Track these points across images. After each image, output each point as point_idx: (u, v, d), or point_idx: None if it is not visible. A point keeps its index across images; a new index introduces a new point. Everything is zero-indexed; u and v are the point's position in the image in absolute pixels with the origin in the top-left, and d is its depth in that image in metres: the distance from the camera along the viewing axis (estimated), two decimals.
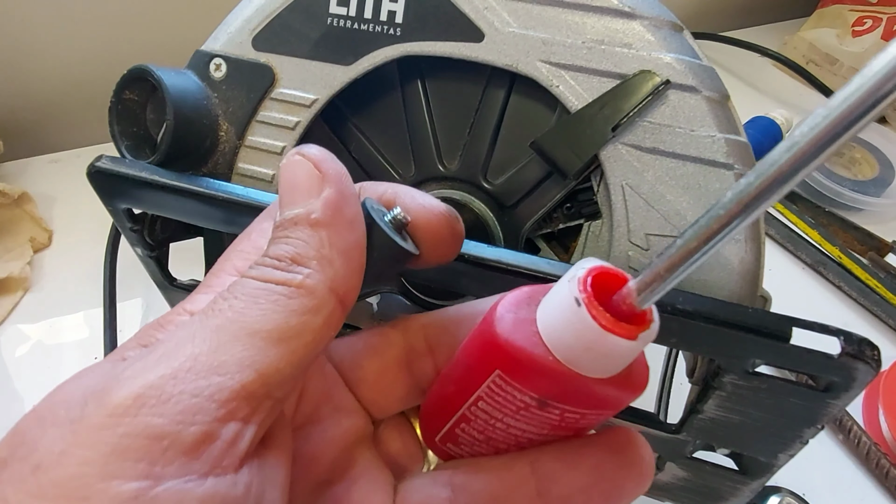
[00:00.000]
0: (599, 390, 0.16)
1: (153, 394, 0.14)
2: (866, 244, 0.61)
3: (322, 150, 0.18)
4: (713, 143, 0.29)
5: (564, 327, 0.16)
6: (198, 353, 0.15)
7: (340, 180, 0.18)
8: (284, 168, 0.18)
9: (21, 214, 0.59)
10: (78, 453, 0.13)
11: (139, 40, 0.68)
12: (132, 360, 0.15)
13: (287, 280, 0.16)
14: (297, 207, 0.17)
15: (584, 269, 0.16)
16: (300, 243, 0.17)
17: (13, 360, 0.51)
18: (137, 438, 0.13)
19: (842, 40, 0.79)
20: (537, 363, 0.16)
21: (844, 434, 0.47)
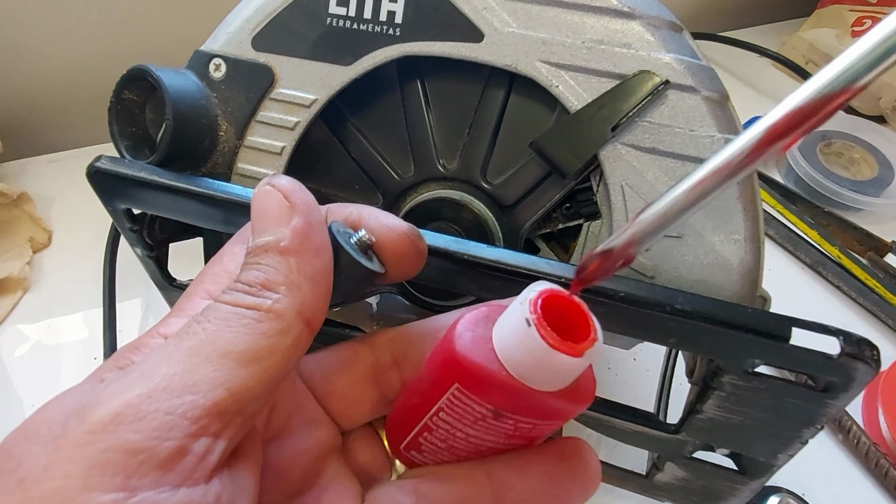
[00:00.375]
0: (549, 402, 0.18)
1: (130, 412, 0.15)
2: (865, 244, 0.61)
3: (292, 181, 0.20)
4: (713, 143, 0.29)
5: (516, 345, 0.17)
6: (172, 373, 0.16)
7: (308, 210, 0.19)
8: (256, 197, 0.20)
9: (20, 214, 0.59)
10: (61, 467, 0.14)
11: (138, 40, 0.68)
12: (110, 381, 0.16)
13: (257, 304, 0.18)
14: (268, 235, 0.19)
15: (536, 291, 0.17)
16: (270, 269, 0.18)
17: (12, 361, 0.51)
18: (115, 454, 0.14)
19: (841, 40, 0.79)
20: (492, 378, 0.17)
21: (844, 434, 0.47)
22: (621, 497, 0.43)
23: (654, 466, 0.35)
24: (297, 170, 0.35)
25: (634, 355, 0.51)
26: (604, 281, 0.26)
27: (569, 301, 0.18)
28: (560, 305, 0.18)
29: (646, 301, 0.26)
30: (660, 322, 0.26)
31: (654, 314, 0.26)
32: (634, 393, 0.49)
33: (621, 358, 0.51)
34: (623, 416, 0.32)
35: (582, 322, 0.18)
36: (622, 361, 0.51)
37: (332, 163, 0.36)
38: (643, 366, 0.51)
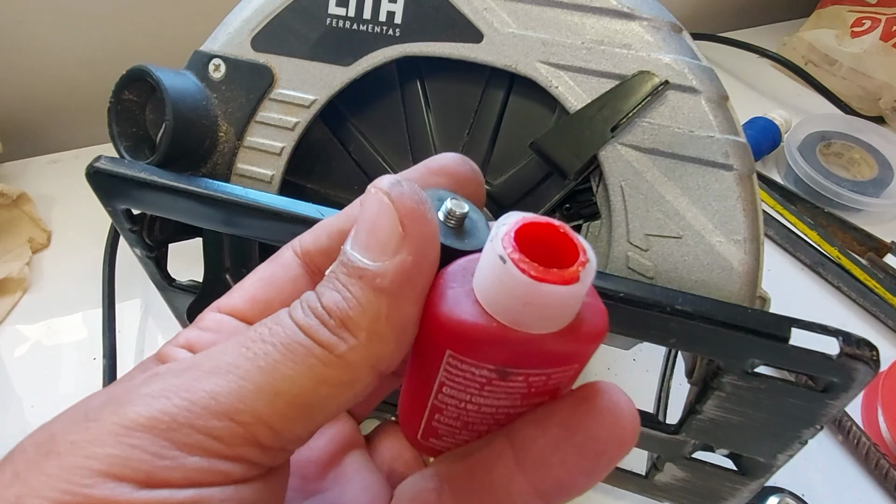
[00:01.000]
0: (554, 345, 0.16)
1: (165, 420, 0.14)
2: (865, 245, 0.61)
3: (415, 200, 0.16)
4: (712, 143, 0.29)
5: (498, 288, 0.15)
6: (218, 392, 0.15)
7: (422, 245, 0.16)
8: (369, 202, 0.17)
9: (20, 215, 0.59)
10: (86, 447, 0.14)
11: (138, 41, 0.68)
12: (151, 379, 0.15)
13: (330, 346, 0.15)
14: (367, 258, 0.16)
15: (506, 224, 0.15)
16: (356, 306, 0.16)
17: (12, 361, 0.51)
18: (142, 452, 0.14)
19: (841, 41, 0.79)
20: (482, 332, 0.15)
21: (843, 434, 0.47)
22: (621, 497, 0.43)
23: (654, 467, 0.35)
24: (296, 170, 0.35)
25: (634, 356, 0.51)
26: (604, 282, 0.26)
27: (547, 226, 0.16)
28: (538, 233, 0.15)
29: (646, 301, 0.26)
30: (660, 322, 0.26)
31: (654, 315, 0.26)
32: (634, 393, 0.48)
33: (621, 358, 0.51)
34: None
35: (567, 246, 0.15)
36: (621, 362, 0.51)
37: (331, 163, 0.36)
38: (643, 366, 0.51)
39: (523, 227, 0.15)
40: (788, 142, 0.69)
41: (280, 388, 0.15)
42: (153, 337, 0.53)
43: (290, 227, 0.29)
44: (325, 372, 0.15)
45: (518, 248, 0.15)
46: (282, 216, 0.29)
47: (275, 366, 0.15)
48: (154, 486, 0.14)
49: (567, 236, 0.15)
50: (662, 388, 0.42)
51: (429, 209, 0.17)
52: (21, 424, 0.47)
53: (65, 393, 0.49)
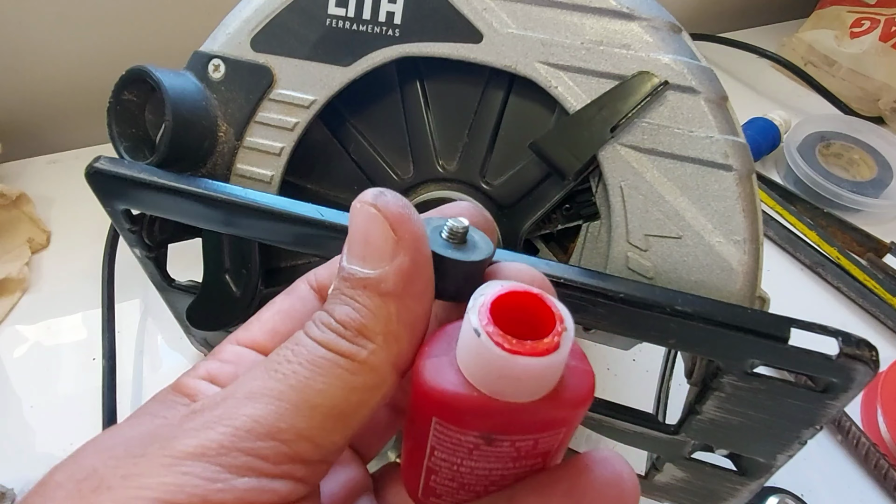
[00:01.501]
0: (537, 412, 0.16)
1: (213, 447, 0.15)
2: (865, 245, 0.61)
3: (400, 206, 0.17)
4: (711, 143, 0.29)
5: (477, 360, 0.15)
6: (258, 416, 0.16)
7: (416, 246, 0.17)
8: (357, 217, 0.18)
9: (19, 215, 0.59)
10: (138, 479, 0.14)
11: (138, 41, 0.68)
12: (188, 417, 0.16)
13: (352, 354, 0.17)
14: (367, 268, 0.17)
15: (483, 294, 0.16)
16: (368, 313, 0.17)
17: (11, 361, 0.51)
18: (195, 478, 0.15)
19: (840, 42, 0.79)
20: (463, 401, 0.16)
21: (843, 435, 0.47)
22: None
23: (654, 467, 0.35)
24: (296, 171, 0.35)
25: (633, 356, 0.51)
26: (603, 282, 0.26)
27: (524, 295, 0.16)
28: (517, 302, 0.16)
29: (645, 302, 0.26)
30: (659, 323, 0.26)
31: (653, 315, 0.26)
32: (633, 394, 0.49)
33: (620, 359, 0.51)
34: (622, 417, 0.32)
35: (546, 314, 0.16)
36: (621, 362, 0.51)
37: (331, 164, 0.36)
38: (642, 366, 0.51)
39: (500, 297, 0.16)
40: (788, 142, 0.69)
41: (315, 402, 0.16)
42: (153, 337, 0.53)
43: (289, 228, 0.29)
44: (353, 379, 0.16)
45: (494, 320, 0.15)
46: (281, 216, 0.29)
47: (306, 382, 0.16)
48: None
49: (545, 304, 0.16)
50: (662, 388, 0.42)
51: (413, 212, 0.18)
52: (21, 425, 0.47)
53: (64, 393, 0.49)
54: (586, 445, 0.45)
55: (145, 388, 0.49)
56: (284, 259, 0.38)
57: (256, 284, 0.36)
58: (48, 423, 0.47)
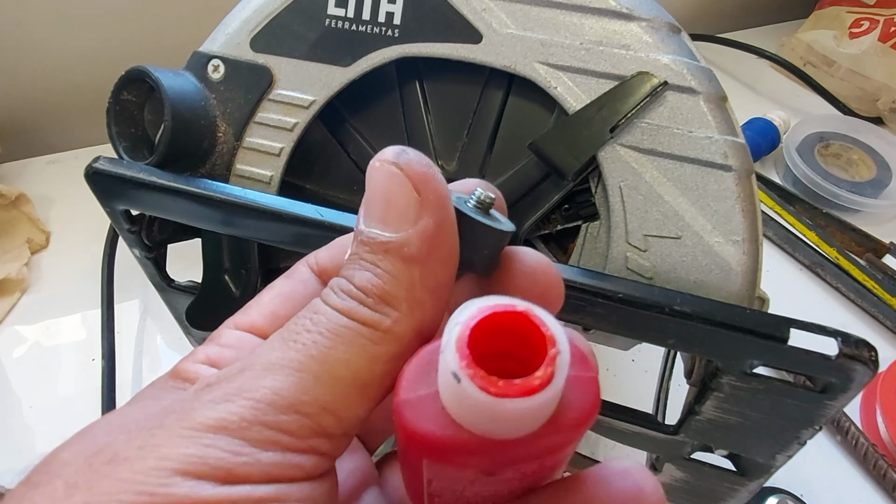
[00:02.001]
0: (538, 442, 0.14)
1: (235, 420, 0.14)
2: (864, 245, 0.61)
3: (423, 164, 0.16)
4: (711, 144, 0.29)
5: (461, 404, 0.14)
6: (279, 387, 0.15)
7: (441, 207, 0.16)
8: (377, 175, 0.17)
9: (18, 216, 0.59)
10: (157, 451, 0.14)
11: (137, 41, 0.68)
12: (208, 388, 0.15)
13: (375, 322, 0.16)
14: (388, 231, 0.16)
15: (459, 324, 0.14)
16: (390, 279, 0.16)
17: (11, 362, 0.51)
18: (219, 451, 0.14)
19: (839, 42, 0.79)
20: (454, 445, 0.14)
21: (842, 435, 0.47)
22: None
23: (653, 467, 0.35)
24: (295, 171, 0.35)
25: (633, 356, 0.51)
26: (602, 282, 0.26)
27: (509, 315, 0.14)
28: (500, 325, 0.14)
29: (644, 302, 0.26)
30: (658, 323, 0.26)
31: (652, 315, 0.26)
32: (633, 394, 0.49)
33: (620, 359, 0.51)
34: (621, 417, 0.32)
35: (534, 336, 0.14)
36: (620, 362, 0.51)
37: (330, 164, 0.36)
38: (641, 367, 0.51)
39: (480, 323, 0.14)
40: (787, 142, 0.69)
41: (338, 374, 0.15)
42: (152, 337, 0.53)
43: (289, 228, 0.29)
44: (376, 349, 0.16)
45: (474, 357, 0.13)
46: (281, 217, 0.29)
47: (328, 353, 0.15)
48: (233, 483, 0.14)
49: (533, 324, 0.14)
50: (661, 388, 0.42)
51: (436, 171, 0.17)
52: (20, 425, 0.47)
53: (64, 393, 0.49)
54: (585, 445, 0.45)
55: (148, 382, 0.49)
56: (284, 259, 0.38)
57: (256, 285, 0.36)
58: (48, 423, 0.47)
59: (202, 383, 0.16)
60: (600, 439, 0.45)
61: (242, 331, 0.19)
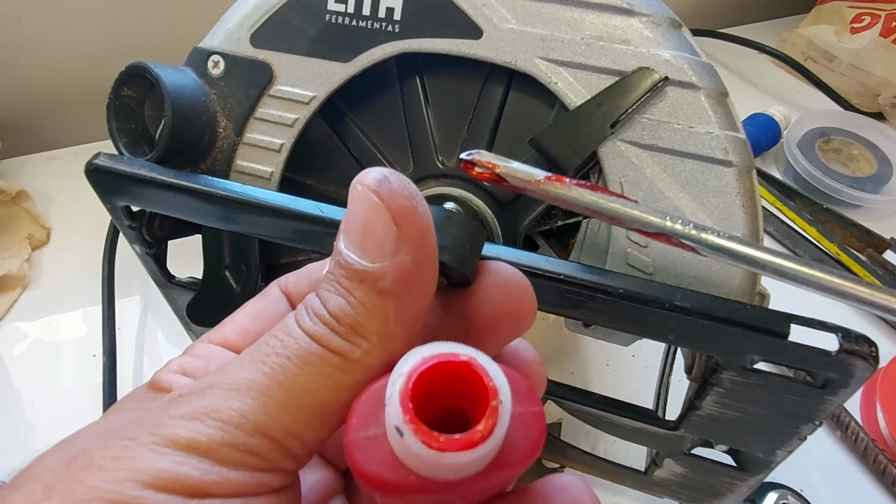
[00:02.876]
0: (485, 479, 0.15)
1: (204, 441, 0.15)
2: (864, 241, 0.61)
3: (405, 196, 0.16)
4: (711, 139, 0.29)
5: (407, 452, 0.14)
6: (246, 410, 0.15)
7: (420, 244, 0.16)
8: (357, 201, 0.16)
9: (19, 212, 0.59)
10: (131, 462, 0.14)
11: (137, 37, 0.68)
12: (178, 401, 0.16)
13: (345, 352, 0.16)
14: (365, 260, 0.16)
15: (402, 374, 0.14)
16: (363, 311, 0.16)
17: (11, 358, 0.51)
18: (190, 469, 0.14)
19: (840, 37, 0.79)
20: (402, 486, 0.15)
21: (842, 430, 0.47)
22: (620, 493, 0.44)
23: (653, 463, 0.35)
24: (296, 167, 0.35)
25: (633, 352, 0.51)
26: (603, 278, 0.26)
27: (450, 365, 0.14)
28: (442, 374, 0.14)
29: (644, 298, 0.26)
30: (658, 319, 0.26)
31: (652, 311, 0.26)
32: (633, 389, 0.49)
33: (620, 354, 0.51)
34: (622, 413, 0.32)
35: (477, 384, 0.14)
36: (621, 358, 0.51)
37: (331, 160, 0.36)
38: (642, 362, 0.51)
39: (422, 374, 0.14)
40: (788, 138, 0.69)
41: (303, 402, 0.15)
42: (153, 334, 0.53)
43: (289, 224, 0.29)
44: (343, 378, 0.16)
45: (416, 410, 0.14)
46: (281, 213, 0.29)
47: (294, 380, 0.15)
48: (202, 497, 0.14)
49: (475, 373, 0.14)
50: (662, 384, 0.42)
51: (420, 202, 0.16)
52: (21, 421, 0.47)
53: (64, 390, 0.49)
54: (585, 441, 0.45)
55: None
56: (284, 255, 0.38)
57: (256, 281, 0.36)
58: (49, 419, 0.47)
59: (174, 394, 0.16)
60: (601, 435, 0.45)
61: (215, 345, 0.20)
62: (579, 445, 0.38)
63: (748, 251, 0.21)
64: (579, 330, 0.33)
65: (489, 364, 0.14)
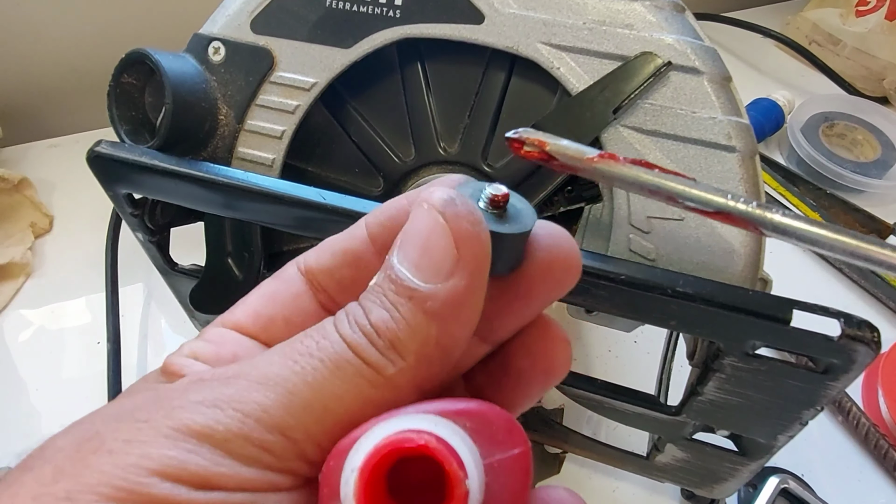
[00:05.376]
0: None
1: (220, 430, 0.14)
2: (868, 226, 0.61)
3: (470, 221, 0.16)
4: (715, 125, 0.29)
5: None
6: (268, 405, 0.15)
7: (476, 271, 0.16)
8: (421, 218, 0.16)
9: (21, 200, 0.59)
10: (141, 447, 0.14)
11: (137, 24, 0.68)
12: (200, 385, 0.15)
13: (380, 367, 0.15)
14: (418, 279, 0.16)
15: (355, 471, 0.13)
16: (406, 328, 0.15)
17: (16, 346, 0.51)
18: (200, 458, 0.14)
19: (845, 20, 0.78)
20: None
21: (844, 415, 0.47)
22: (622, 478, 0.44)
23: (655, 448, 0.35)
24: (297, 154, 0.35)
25: (635, 338, 0.51)
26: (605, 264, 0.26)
27: (410, 450, 0.13)
28: (402, 453, 0.13)
29: (647, 284, 0.26)
30: (661, 305, 0.26)
31: (655, 297, 0.26)
32: (635, 375, 0.49)
33: (622, 340, 0.51)
34: (624, 399, 0.32)
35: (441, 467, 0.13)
36: (623, 344, 0.51)
37: (332, 147, 0.36)
38: (644, 348, 0.51)
39: (377, 465, 0.13)
40: (791, 123, 0.69)
41: (328, 406, 0.15)
42: (156, 321, 0.53)
43: (291, 211, 0.29)
44: (372, 393, 0.15)
45: None
46: (283, 200, 0.29)
47: (323, 383, 0.15)
48: (209, 489, 0.14)
49: (435, 456, 0.13)
50: (664, 369, 0.42)
51: (483, 230, 0.16)
52: (26, 408, 0.47)
53: (69, 377, 0.49)
54: (587, 426, 0.46)
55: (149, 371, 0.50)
56: (287, 242, 0.38)
57: (259, 268, 0.36)
58: (54, 406, 0.48)
59: (195, 377, 0.16)
60: (603, 420, 0.45)
61: (227, 328, 0.19)
62: (581, 431, 0.38)
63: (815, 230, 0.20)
64: (581, 316, 0.33)
65: (453, 441, 0.13)
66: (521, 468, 0.14)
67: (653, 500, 0.43)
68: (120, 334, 0.49)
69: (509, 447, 0.14)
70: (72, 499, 0.13)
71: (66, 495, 0.13)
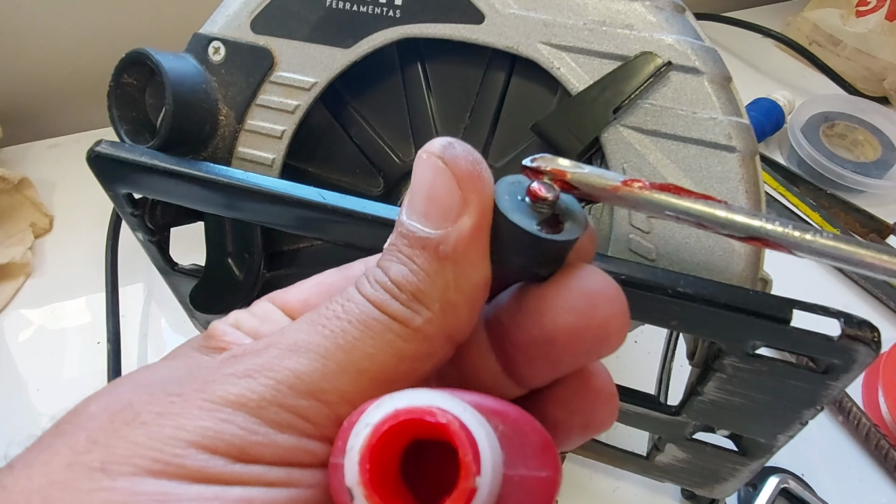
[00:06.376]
0: None
1: (254, 398, 0.14)
2: (868, 226, 0.61)
3: (469, 161, 0.16)
4: (715, 125, 0.29)
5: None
6: (301, 371, 0.15)
7: (483, 207, 0.16)
8: (423, 168, 0.16)
9: (21, 199, 0.59)
10: (176, 419, 0.14)
11: (137, 24, 0.68)
12: (232, 360, 0.15)
13: (406, 320, 0.15)
14: (429, 227, 0.16)
15: (369, 426, 0.13)
16: (424, 277, 0.16)
17: (16, 346, 0.51)
18: (235, 427, 0.14)
19: (845, 21, 0.78)
20: None
21: (844, 415, 0.47)
22: (621, 478, 0.44)
23: (655, 447, 0.35)
24: (297, 154, 0.35)
25: (635, 338, 0.51)
26: (605, 264, 0.26)
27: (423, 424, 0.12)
28: (415, 428, 0.13)
29: (647, 284, 0.26)
30: (661, 305, 0.26)
31: (655, 297, 0.26)
32: (635, 375, 0.49)
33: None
34: (624, 399, 0.32)
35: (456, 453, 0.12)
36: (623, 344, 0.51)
37: (333, 147, 0.36)
38: (644, 348, 0.51)
39: (390, 431, 0.12)
40: (792, 123, 0.69)
41: (362, 366, 0.15)
42: (156, 321, 0.53)
43: (291, 211, 0.29)
44: (404, 347, 0.15)
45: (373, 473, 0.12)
46: (283, 200, 0.29)
47: (354, 343, 0.15)
48: (246, 461, 0.14)
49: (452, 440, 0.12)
50: (664, 369, 0.42)
51: (484, 168, 0.16)
52: (27, 408, 0.47)
53: (69, 376, 0.49)
54: None
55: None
56: (287, 242, 0.38)
57: (259, 268, 0.36)
58: (54, 405, 0.48)
59: (228, 354, 0.16)
60: None
61: (276, 305, 0.19)
62: None
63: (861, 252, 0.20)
64: None
65: (478, 431, 0.12)
66: (545, 494, 0.13)
67: (653, 499, 0.43)
68: (120, 334, 0.49)
69: (538, 467, 0.13)
70: (106, 470, 0.13)
71: (101, 466, 0.13)
